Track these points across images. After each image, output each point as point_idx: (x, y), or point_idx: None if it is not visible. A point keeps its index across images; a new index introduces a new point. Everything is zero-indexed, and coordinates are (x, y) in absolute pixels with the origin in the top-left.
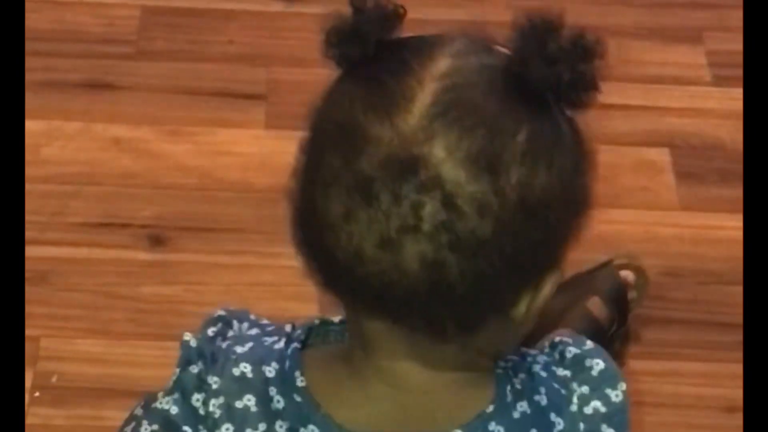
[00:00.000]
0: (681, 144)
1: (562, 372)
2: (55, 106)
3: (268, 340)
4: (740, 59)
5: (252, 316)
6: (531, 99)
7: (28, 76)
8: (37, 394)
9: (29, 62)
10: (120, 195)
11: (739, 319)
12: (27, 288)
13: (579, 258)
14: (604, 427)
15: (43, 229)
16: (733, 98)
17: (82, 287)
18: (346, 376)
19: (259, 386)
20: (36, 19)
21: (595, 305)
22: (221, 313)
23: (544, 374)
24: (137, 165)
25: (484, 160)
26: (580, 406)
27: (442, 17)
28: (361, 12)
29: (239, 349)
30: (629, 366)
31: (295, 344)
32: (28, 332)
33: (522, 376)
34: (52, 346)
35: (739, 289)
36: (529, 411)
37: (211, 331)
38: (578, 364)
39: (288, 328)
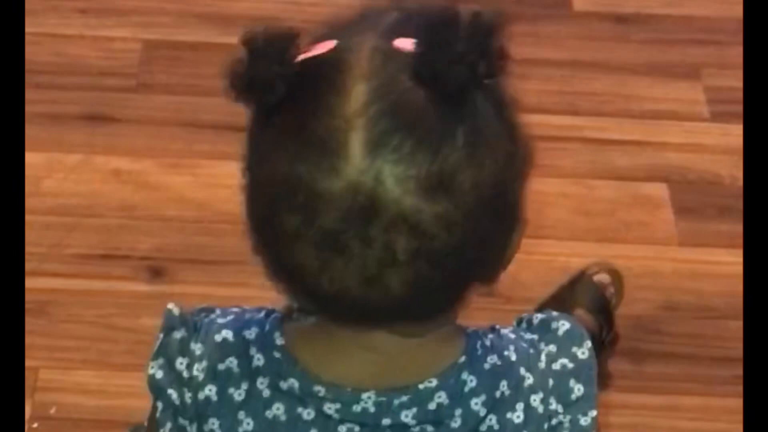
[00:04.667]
0: (679, 179)
1: (529, 336)
2: (56, 139)
3: (249, 314)
4: (738, 95)
5: (234, 309)
6: (454, 98)
7: (29, 109)
8: (35, 425)
9: (30, 95)
10: (120, 227)
11: (737, 353)
12: (26, 319)
13: None
14: (572, 381)
15: (43, 260)
16: (731, 134)
17: (82, 319)
18: (322, 338)
19: (241, 348)
20: (37, 51)
21: (581, 318)
22: (204, 305)
23: (512, 336)
24: (137, 197)
25: (435, 180)
26: (548, 363)
27: None
28: (256, 53)
29: (221, 320)
30: (626, 400)
31: (276, 314)
32: (27, 363)
33: (491, 336)
34: (51, 377)
35: (737, 324)
36: (499, 363)
37: (196, 310)
38: (544, 327)
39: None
